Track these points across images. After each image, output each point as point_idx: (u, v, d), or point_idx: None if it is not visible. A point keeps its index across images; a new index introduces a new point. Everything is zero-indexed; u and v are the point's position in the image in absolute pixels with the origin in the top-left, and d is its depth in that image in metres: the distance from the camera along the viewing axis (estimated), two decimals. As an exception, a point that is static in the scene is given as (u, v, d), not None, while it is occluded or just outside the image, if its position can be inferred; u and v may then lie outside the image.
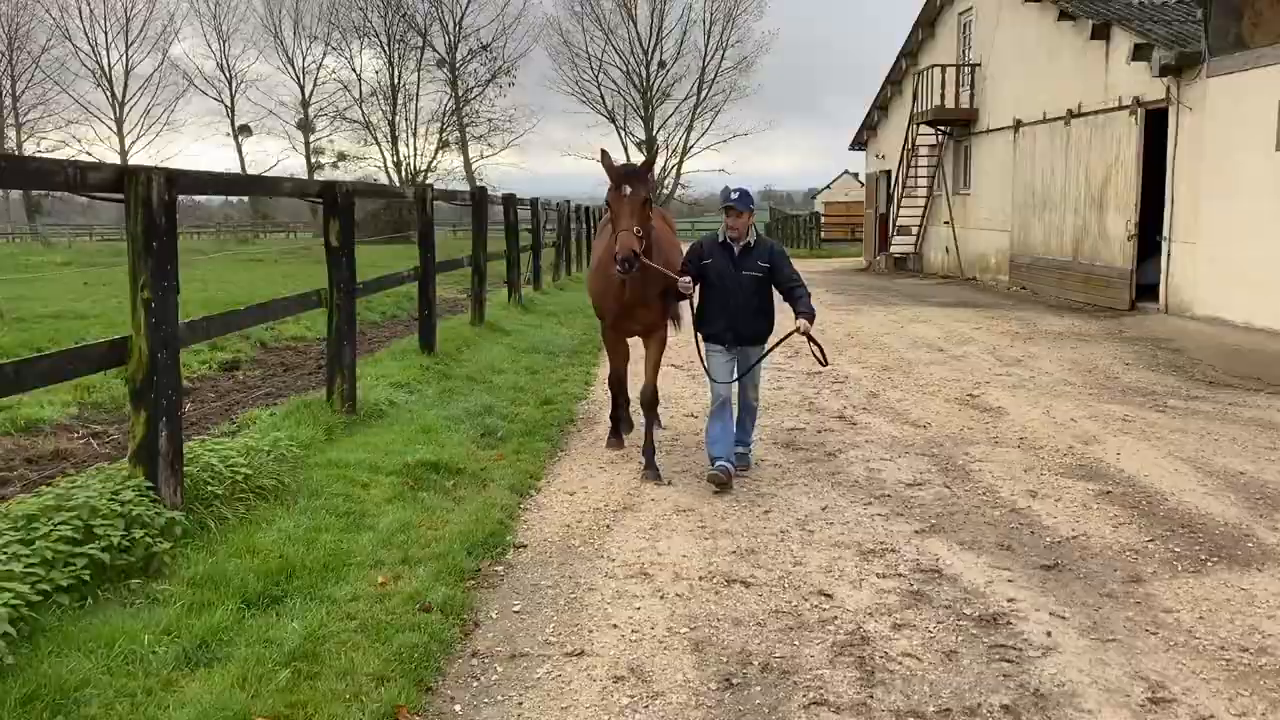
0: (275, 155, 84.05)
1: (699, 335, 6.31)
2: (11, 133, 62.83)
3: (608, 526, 5.44)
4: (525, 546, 5.12)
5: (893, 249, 26.28)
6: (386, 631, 3.89)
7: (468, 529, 5.13)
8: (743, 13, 59.00)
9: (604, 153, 6.19)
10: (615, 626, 4.15)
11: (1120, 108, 15.78)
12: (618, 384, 7.02)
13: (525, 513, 5.69)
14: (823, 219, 44.63)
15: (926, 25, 24.59)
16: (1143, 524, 5.43)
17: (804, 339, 5.92)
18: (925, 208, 25.03)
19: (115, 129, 65.59)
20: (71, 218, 70.84)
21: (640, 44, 60.38)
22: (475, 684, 3.66)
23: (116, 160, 63.31)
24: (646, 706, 3.49)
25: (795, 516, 5.57)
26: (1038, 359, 11.11)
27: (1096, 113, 16.54)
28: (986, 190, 21.62)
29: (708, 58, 59.98)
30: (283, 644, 3.69)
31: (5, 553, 3.73)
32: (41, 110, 63.06)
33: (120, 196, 4.48)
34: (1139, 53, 14.81)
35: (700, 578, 4.68)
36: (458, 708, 3.49)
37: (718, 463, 6.05)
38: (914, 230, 25.59)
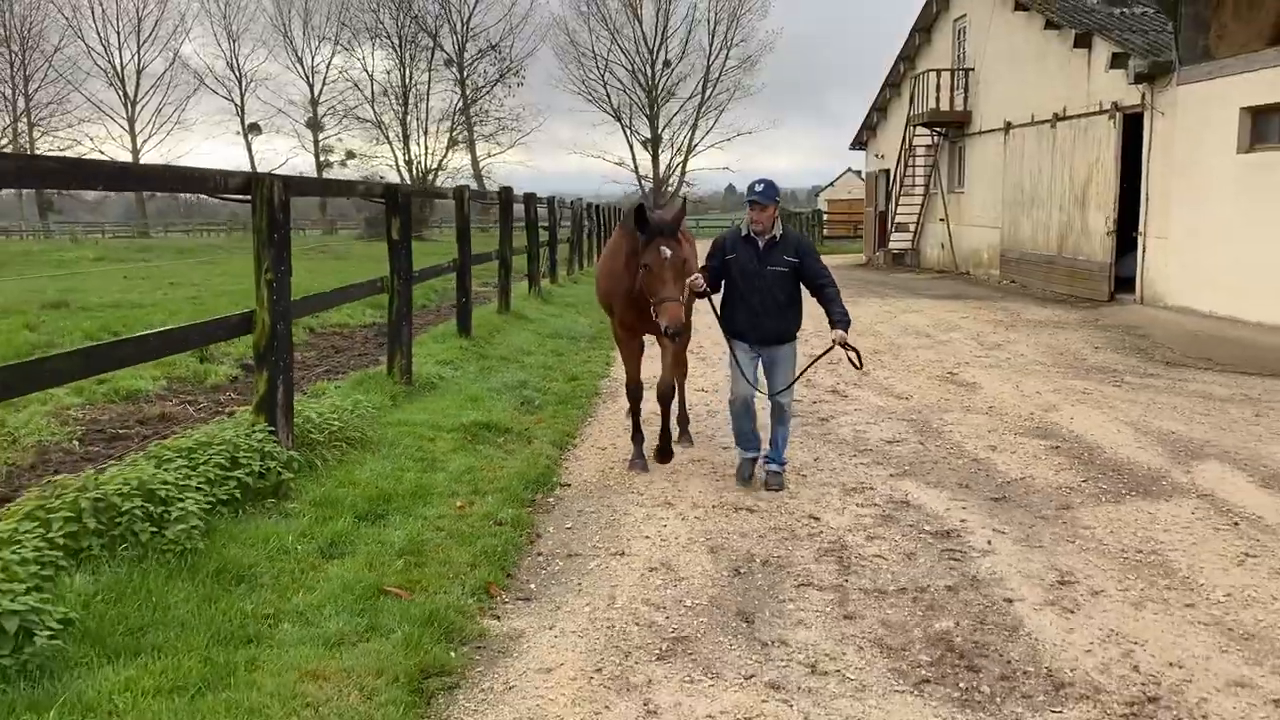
0: (284, 153, 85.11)
1: (725, 333, 6.18)
2: (24, 130, 64.02)
3: (635, 472, 6.54)
4: (569, 485, 6.23)
5: (891, 245, 27.35)
6: (470, 538, 4.99)
7: (521, 471, 6.24)
8: (747, 12, 60.10)
9: (640, 206, 5.91)
10: (647, 537, 5.26)
11: (1100, 112, 16.85)
12: (636, 395, 6.70)
13: (566, 462, 6.80)
14: (825, 216, 45.71)
15: (923, 31, 25.65)
16: (1080, 469, 6.53)
17: (842, 347, 5.92)
18: (922, 205, 26.10)
19: (128, 127, 66.85)
20: (79, 215, 72.11)
21: (646, 43, 61.47)
22: (543, 572, 4.77)
23: (129, 158, 64.63)
24: (675, 586, 4.60)
25: (791, 465, 6.64)
26: (1016, 344, 12.20)
27: (1079, 116, 17.62)
28: (979, 189, 22.70)
29: (712, 57, 61.08)
30: (393, 544, 4.79)
31: (180, 472, 4.84)
32: (54, 109, 64.25)
33: (248, 198, 5.59)
34: (1116, 61, 15.88)
35: (713, 506, 5.79)
36: (532, 586, 4.60)
37: (747, 454, 6.19)
38: (911, 227, 26.66)
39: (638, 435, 6.68)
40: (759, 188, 5.87)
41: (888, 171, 28.09)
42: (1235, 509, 5.63)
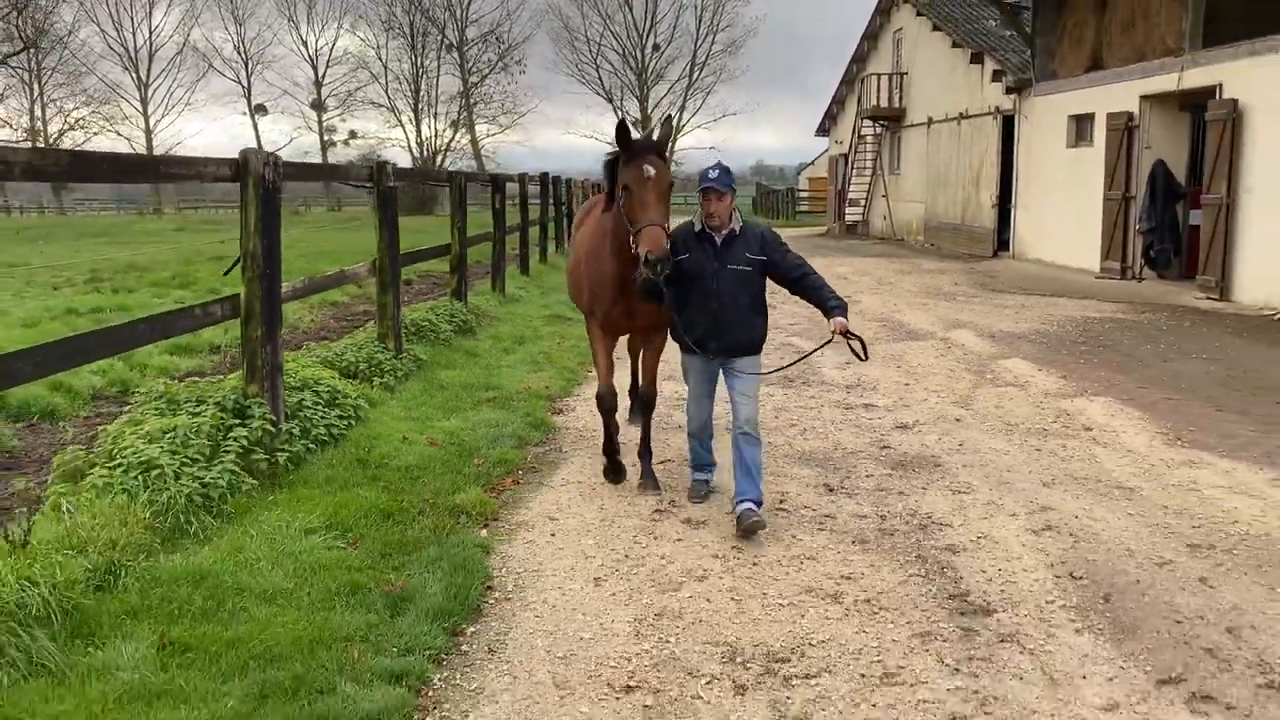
0: (288, 133, 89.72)
1: (681, 347, 5.48)
2: (38, 110, 67.97)
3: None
4: (611, 339, 11.55)
5: (846, 218, 32.65)
6: (568, 351, 10.31)
7: (584, 334, 11.58)
8: (731, -1, 64.80)
9: (622, 122, 5.28)
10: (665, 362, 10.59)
11: (988, 113, 22.16)
12: (610, 406, 5.89)
13: (606, 331, 12.13)
14: (799, 193, 51.02)
15: (870, 38, 30.85)
16: (888, 331, 11.88)
17: (843, 337, 5.34)
18: (870, 184, 31.39)
19: (141, 109, 71.16)
20: (94, 192, 76.43)
21: (636, 28, 66.13)
22: (606, 361, 10.13)
23: (143, 138, 69.08)
24: (668, 364, 9.93)
25: (733, 333, 12.00)
26: (902, 282, 17.56)
27: (975, 116, 22.92)
28: (911, 171, 27.99)
29: (699, 42, 65.83)
30: (534, 351, 10.13)
31: (428, 320, 10.13)
32: (67, 90, 68.03)
33: (447, 184, 10.84)
34: (996, 76, 21.18)
35: (688, 344, 11.13)
36: (603, 365, 9.97)
37: (696, 475, 5.60)
38: (861, 202, 31.96)
39: (615, 468, 5.88)
40: (713, 174, 5.13)
41: (845, 155, 33.32)
42: (954, 343, 11.00)
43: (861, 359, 5.56)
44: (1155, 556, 4.74)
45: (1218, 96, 14.00)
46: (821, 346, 5.87)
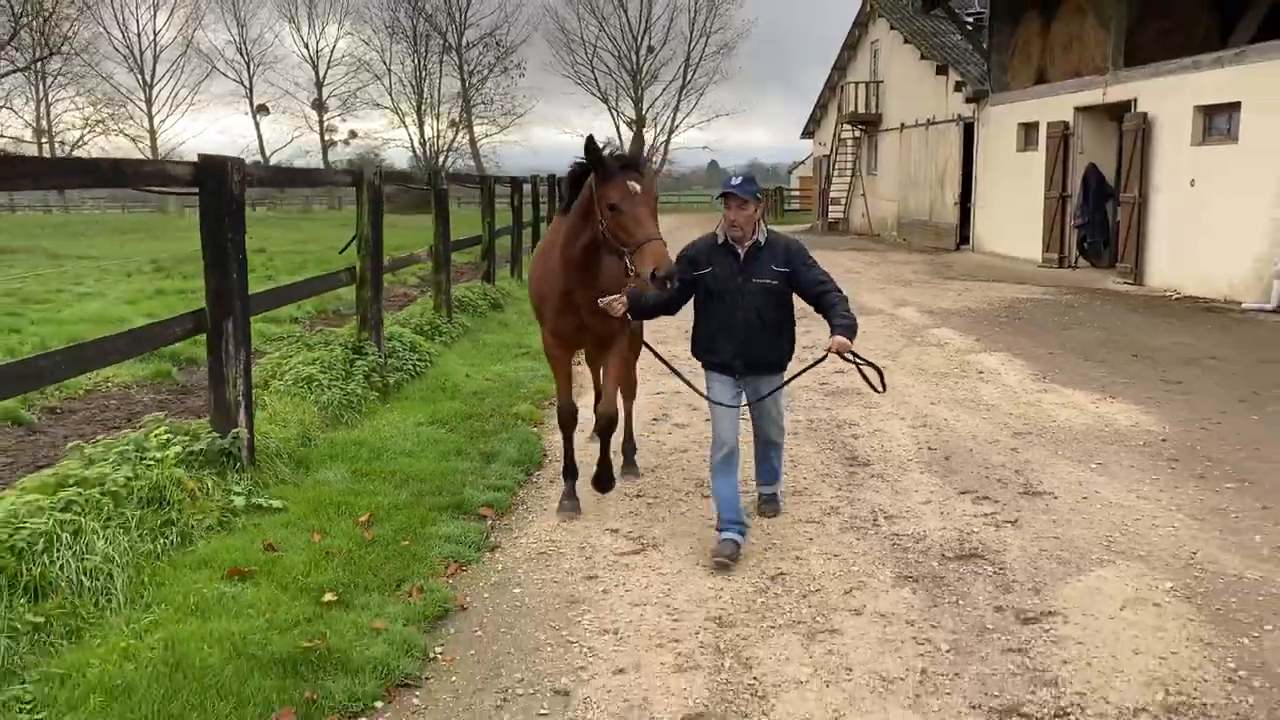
0: (289, 133, 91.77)
1: (701, 363, 5.19)
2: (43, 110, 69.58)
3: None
4: (614, 315, 13.86)
5: (828, 215, 34.96)
6: (581, 322, 12.61)
7: (592, 309, 13.92)
8: (724, 1, 67.05)
9: (590, 138, 4.74)
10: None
11: (952, 120, 24.48)
12: (569, 420, 5.68)
13: (610, 309, 14.45)
14: (789, 192, 53.33)
15: (850, 48, 33.17)
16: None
17: (848, 360, 4.94)
18: (850, 184, 33.70)
19: (145, 109, 73.06)
20: (96, 191, 78.30)
21: (630, 30, 68.31)
22: (612, 330, 12.44)
23: (147, 138, 70.96)
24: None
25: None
26: (869, 271, 19.86)
27: (941, 123, 25.24)
28: (886, 172, 30.32)
29: (692, 44, 67.99)
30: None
31: (467, 296, 12.41)
32: (74, 89, 69.63)
33: (479, 187, 13.11)
34: (958, 86, 23.49)
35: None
36: (609, 333, 12.27)
37: (725, 534, 4.90)
38: (842, 201, 34.26)
39: (570, 469, 5.66)
40: (736, 180, 4.84)
41: (828, 156, 35.61)
42: (898, 317, 13.30)
43: (878, 391, 5.18)
44: (989, 439, 7.06)
45: (1133, 109, 16.32)
46: (816, 363, 5.55)
